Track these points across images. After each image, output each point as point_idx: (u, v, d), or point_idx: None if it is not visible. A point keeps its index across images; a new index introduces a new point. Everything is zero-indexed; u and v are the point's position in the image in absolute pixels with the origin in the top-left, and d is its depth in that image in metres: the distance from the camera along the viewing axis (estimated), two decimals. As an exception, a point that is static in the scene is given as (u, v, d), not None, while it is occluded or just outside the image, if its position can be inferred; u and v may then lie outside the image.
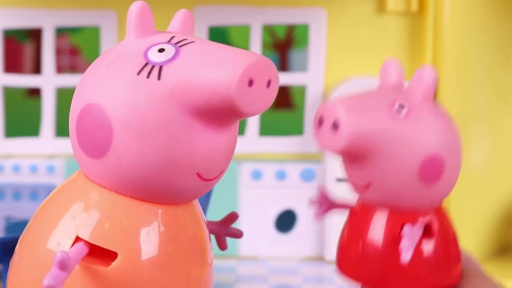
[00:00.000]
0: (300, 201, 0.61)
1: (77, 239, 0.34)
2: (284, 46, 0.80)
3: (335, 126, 0.36)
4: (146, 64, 0.33)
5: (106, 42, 0.62)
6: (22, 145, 0.64)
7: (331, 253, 0.60)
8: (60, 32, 0.75)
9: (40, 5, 0.63)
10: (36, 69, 0.79)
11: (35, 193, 0.59)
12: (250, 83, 0.32)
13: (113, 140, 0.33)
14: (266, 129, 0.64)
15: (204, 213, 0.49)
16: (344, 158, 0.38)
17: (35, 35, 0.78)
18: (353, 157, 0.37)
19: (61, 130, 0.65)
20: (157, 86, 0.33)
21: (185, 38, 0.34)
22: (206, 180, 0.34)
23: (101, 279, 0.33)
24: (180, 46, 0.33)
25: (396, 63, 0.39)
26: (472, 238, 0.61)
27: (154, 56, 0.33)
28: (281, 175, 0.61)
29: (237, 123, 0.35)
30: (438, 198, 0.38)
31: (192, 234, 0.36)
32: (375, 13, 0.61)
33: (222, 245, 0.41)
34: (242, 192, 0.61)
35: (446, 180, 0.37)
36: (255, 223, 0.61)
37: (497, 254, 0.63)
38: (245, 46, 0.66)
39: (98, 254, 0.34)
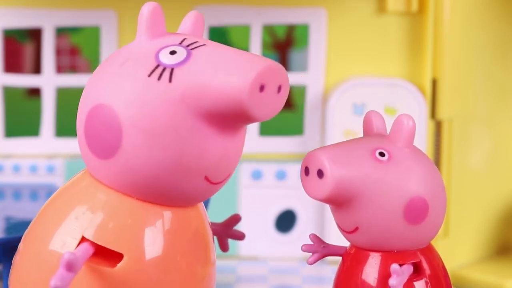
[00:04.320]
0: (300, 201, 0.61)
1: (83, 239, 0.34)
2: (284, 46, 0.80)
3: (320, 175, 0.38)
4: (157, 66, 0.33)
5: (106, 42, 0.62)
6: (22, 145, 0.64)
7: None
8: (60, 32, 0.75)
9: (40, 5, 0.63)
10: (36, 69, 0.79)
11: (35, 193, 0.59)
12: (262, 88, 0.32)
13: (123, 141, 0.33)
14: (266, 129, 0.64)
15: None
16: (332, 205, 0.39)
17: (35, 35, 0.78)
18: (340, 203, 0.38)
19: (61, 130, 0.65)
20: (168, 89, 0.33)
21: (196, 40, 0.34)
22: (213, 183, 0.34)
23: (106, 280, 0.33)
24: (191, 49, 0.33)
25: (377, 114, 0.41)
26: (472, 238, 0.61)
27: (166, 58, 0.33)
28: (281, 175, 0.61)
29: (245, 128, 0.35)
30: (425, 238, 0.39)
31: (197, 235, 0.36)
32: (375, 13, 0.61)
33: (224, 247, 0.41)
34: (242, 192, 0.61)
35: (432, 220, 0.39)
36: (255, 223, 0.61)
37: (497, 254, 0.63)
38: (245, 46, 0.66)
39: (104, 254, 0.34)
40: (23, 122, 0.71)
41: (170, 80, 0.33)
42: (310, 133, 0.62)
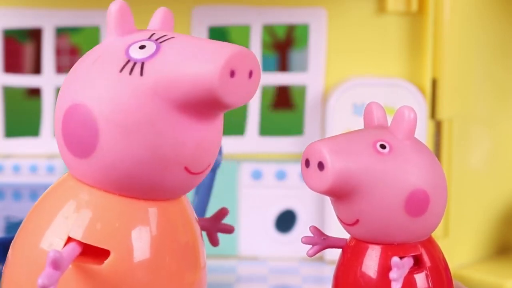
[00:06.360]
0: (300, 201, 0.61)
1: (69, 239, 0.34)
2: (284, 46, 0.80)
3: (320, 167, 0.37)
4: (128, 61, 0.33)
5: (106, 42, 0.62)
6: (22, 145, 0.64)
7: (331, 253, 0.60)
8: (60, 32, 0.75)
9: (40, 5, 0.63)
10: (36, 69, 0.79)
11: (35, 193, 0.59)
12: (232, 74, 0.32)
13: (99, 139, 0.33)
14: (266, 129, 0.64)
15: (204, 212, 0.50)
16: (332, 197, 0.39)
17: (35, 35, 0.78)
18: (340, 196, 0.38)
19: (61, 130, 0.64)
20: (140, 83, 0.33)
21: (165, 34, 0.34)
22: (194, 173, 0.35)
23: (94, 277, 0.34)
24: (160, 42, 0.34)
25: (378, 106, 0.41)
26: (472, 238, 0.61)
27: (136, 53, 0.34)
28: (281, 175, 0.61)
29: (222, 116, 0.35)
30: (426, 230, 0.39)
31: (183, 230, 0.36)
32: (375, 13, 0.61)
33: (213, 242, 0.42)
34: (242, 192, 0.61)
35: (433, 213, 0.38)
36: (255, 223, 0.61)
37: (497, 254, 0.63)
38: (245, 46, 0.66)
39: (91, 253, 0.34)
40: (23, 122, 0.71)
41: (141, 74, 0.33)
42: (310, 133, 0.62)
